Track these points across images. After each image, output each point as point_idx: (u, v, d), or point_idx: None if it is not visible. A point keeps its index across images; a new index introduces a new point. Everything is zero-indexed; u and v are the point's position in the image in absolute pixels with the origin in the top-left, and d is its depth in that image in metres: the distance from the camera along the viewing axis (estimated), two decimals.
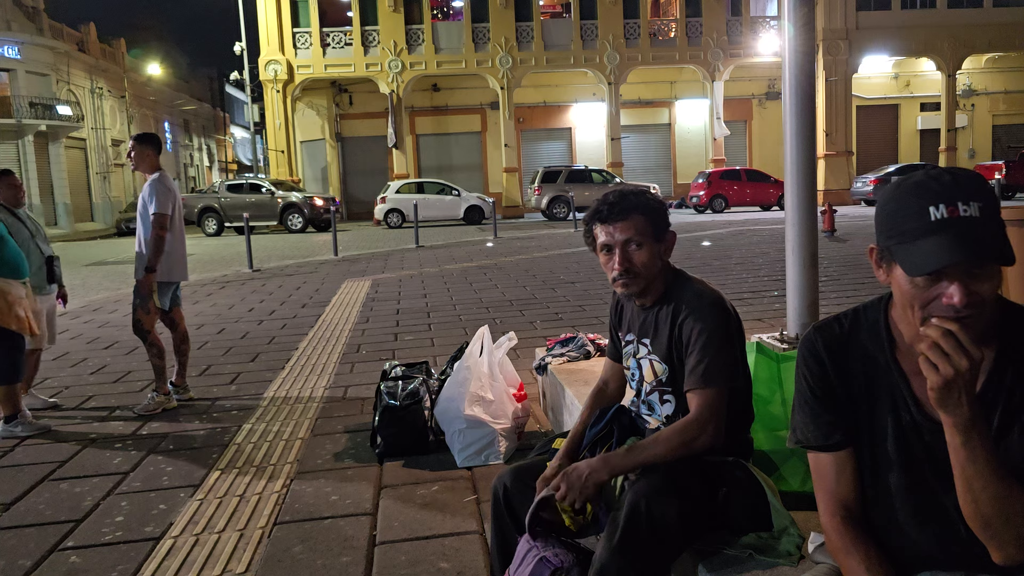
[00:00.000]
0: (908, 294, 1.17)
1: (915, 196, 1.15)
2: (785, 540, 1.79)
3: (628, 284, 1.97)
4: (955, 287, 1.12)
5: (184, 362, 4.86)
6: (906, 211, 1.16)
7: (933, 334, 1.09)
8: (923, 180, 1.16)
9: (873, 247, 1.25)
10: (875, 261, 1.25)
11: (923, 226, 1.13)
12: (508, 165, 30.28)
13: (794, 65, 2.81)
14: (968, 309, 1.12)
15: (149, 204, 4.55)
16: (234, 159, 58.40)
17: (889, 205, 1.19)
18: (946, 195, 1.12)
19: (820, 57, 28.55)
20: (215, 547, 2.73)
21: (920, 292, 1.15)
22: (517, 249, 14.44)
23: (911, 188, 1.16)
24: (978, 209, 1.11)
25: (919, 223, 1.13)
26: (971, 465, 1.13)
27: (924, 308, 1.15)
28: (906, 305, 1.19)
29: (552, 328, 6.26)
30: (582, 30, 30.18)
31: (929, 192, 1.14)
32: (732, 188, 25.64)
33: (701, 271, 9.65)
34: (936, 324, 1.11)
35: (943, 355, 1.08)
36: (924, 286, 1.14)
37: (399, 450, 3.55)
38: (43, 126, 29.81)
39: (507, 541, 2.00)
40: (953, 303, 1.12)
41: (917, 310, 1.16)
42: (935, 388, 1.09)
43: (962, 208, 1.11)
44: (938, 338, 1.09)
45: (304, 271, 12.00)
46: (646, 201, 1.96)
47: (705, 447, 1.82)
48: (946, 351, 1.08)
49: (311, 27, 29.21)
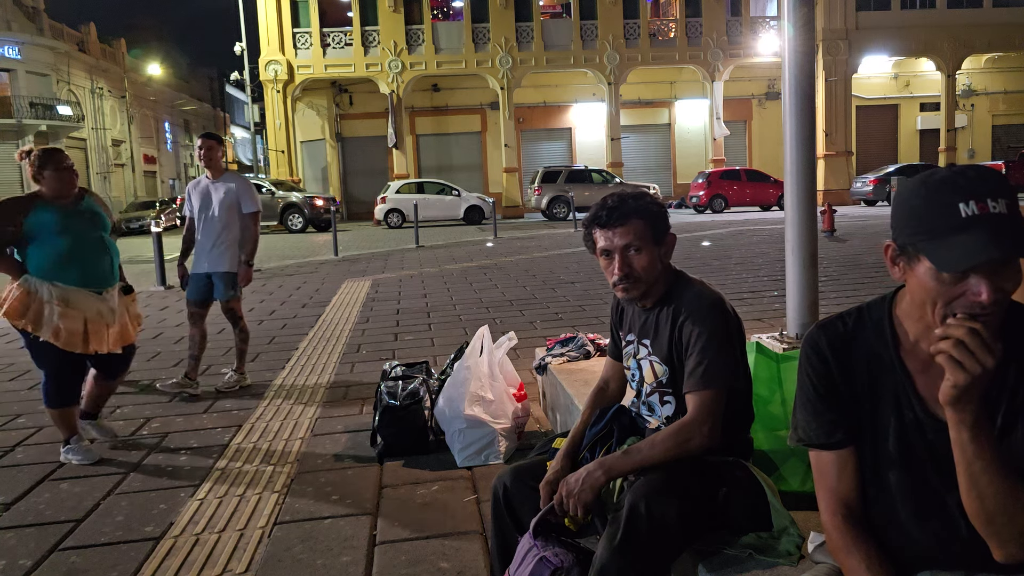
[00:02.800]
0: (932, 291, 1.16)
1: (943, 193, 1.14)
2: (785, 540, 1.79)
3: (628, 288, 1.97)
4: (983, 284, 1.11)
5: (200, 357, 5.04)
6: (935, 208, 1.14)
7: (959, 332, 1.09)
8: (950, 176, 1.15)
9: (890, 244, 1.24)
10: (890, 258, 1.24)
11: (954, 223, 1.11)
12: (508, 165, 30.28)
13: (794, 65, 2.81)
14: (993, 307, 1.12)
15: (244, 202, 4.93)
16: (234, 159, 58.36)
17: (913, 202, 1.18)
18: (975, 192, 1.12)
19: (820, 57, 28.55)
20: (215, 547, 2.73)
21: (945, 289, 1.14)
22: (517, 249, 14.44)
23: (938, 185, 1.15)
24: (1005, 206, 1.11)
25: (950, 220, 1.12)
26: (978, 461, 1.13)
27: (947, 305, 1.15)
28: (926, 302, 1.18)
29: (552, 328, 6.26)
30: (582, 30, 30.18)
31: (958, 189, 1.13)
32: (732, 188, 25.65)
33: (701, 271, 9.66)
34: (959, 322, 1.10)
35: (969, 353, 1.08)
36: (950, 283, 1.14)
37: (399, 450, 3.55)
38: (43, 126, 29.84)
39: (507, 541, 2.00)
40: (981, 300, 1.11)
41: (939, 307, 1.16)
42: (958, 386, 1.09)
43: (991, 205, 1.11)
44: (964, 336, 1.08)
45: (304, 271, 12.00)
46: (645, 205, 1.95)
47: (701, 448, 1.82)
48: (971, 349, 1.08)
49: (311, 27, 29.22)
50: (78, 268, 3.67)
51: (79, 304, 3.64)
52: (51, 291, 3.59)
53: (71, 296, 3.63)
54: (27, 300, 3.58)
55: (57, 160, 3.73)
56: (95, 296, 3.72)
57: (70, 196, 3.75)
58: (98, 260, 3.78)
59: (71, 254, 3.65)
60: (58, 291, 3.60)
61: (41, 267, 3.62)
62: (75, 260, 3.66)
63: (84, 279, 3.69)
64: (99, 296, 3.74)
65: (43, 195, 3.71)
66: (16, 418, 4.48)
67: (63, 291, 3.62)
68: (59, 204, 3.69)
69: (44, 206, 3.67)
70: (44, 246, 3.62)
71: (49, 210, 3.66)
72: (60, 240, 3.63)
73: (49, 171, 3.69)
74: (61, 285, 3.62)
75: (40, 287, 3.59)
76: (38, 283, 3.60)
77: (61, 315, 3.57)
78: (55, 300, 3.58)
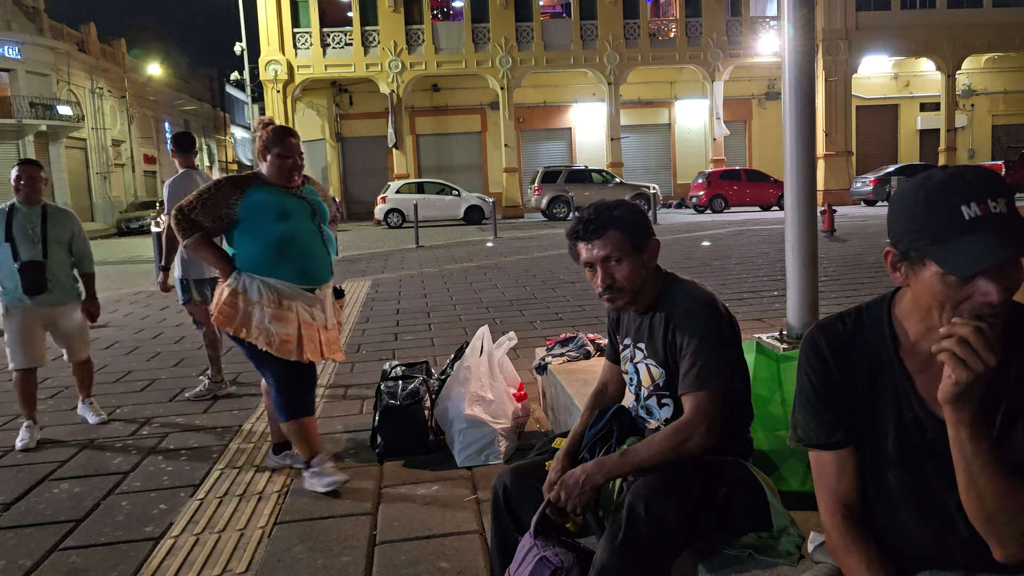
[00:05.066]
0: (939, 295, 1.16)
1: (943, 196, 1.13)
2: (785, 540, 1.80)
3: (613, 298, 1.98)
4: (992, 285, 1.11)
5: None
6: (936, 212, 1.14)
7: (964, 331, 1.09)
8: (948, 179, 1.14)
9: (890, 250, 1.22)
10: (891, 264, 1.23)
11: (958, 226, 1.11)
12: (508, 165, 30.27)
13: (794, 65, 2.81)
14: (1002, 307, 1.12)
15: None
16: (234, 159, 58.37)
17: (912, 206, 1.17)
18: (975, 193, 1.11)
19: (820, 57, 28.54)
20: (215, 547, 2.73)
21: (953, 292, 1.14)
22: (517, 249, 14.43)
23: (937, 188, 1.15)
24: (1005, 205, 1.11)
25: (953, 223, 1.11)
26: (977, 460, 1.13)
27: (955, 308, 1.14)
28: (933, 306, 1.18)
29: (552, 328, 6.26)
30: (582, 30, 30.18)
31: (957, 191, 1.12)
32: (732, 188, 25.65)
33: (701, 271, 9.66)
34: (965, 321, 1.10)
35: (972, 351, 1.08)
36: (958, 285, 1.13)
37: (399, 450, 3.55)
38: (43, 126, 29.84)
39: (507, 541, 2.01)
40: (991, 300, 1.11)
41: (948, 310, 1.15)
42: (959, 383, 1.09)
43: (992, 205, 1.11)
44: (969, 335, 1.08)
45: None
46: (621, 216, 1.95)
47: (699, 449, 1.82)
48: (976, 347, 1.08)
49: (311, 27, 29.21)
50: (293, 262, 3.14)
51: (292, 305, 3.13)
52: (261, 289, 3.08)
53: (283, 295, 3.11)
54: (234, 301, 3.09)
55: (287, 147, 3.18)
56: (308, 295, 3.19)
57: (293, 186, 3.23)
58: (315, 253, 3.23)
59: (286, 245, 3.12)
60: (268, 289, 3.09)
61: (250, 259, 3.12)
62: (290, 252, 3.13)
63: (299, 274, 3.16)
64: (312, 295, 3.22)
65: (263, 177, 3.20)
66: (16, 418, 4.47)
67: (274, 289, 3.10)
68: (278, 187, 3.18)
69: (261, 188, 3.15)
70: (255, 235, 3.11)
71: (267, 192, 3.13)
72: (275, 228, 3.10)
73: (274, 154, 3.16)
74: (272, 282, 3.10)
75: (250, 285, 3.09)
76: (247, 280, 3.10)
77: (273, 317, 3.06)
78: (265, 300, 3.08)
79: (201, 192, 3.11)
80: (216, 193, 3.10)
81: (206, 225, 3.10)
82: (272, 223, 3.10)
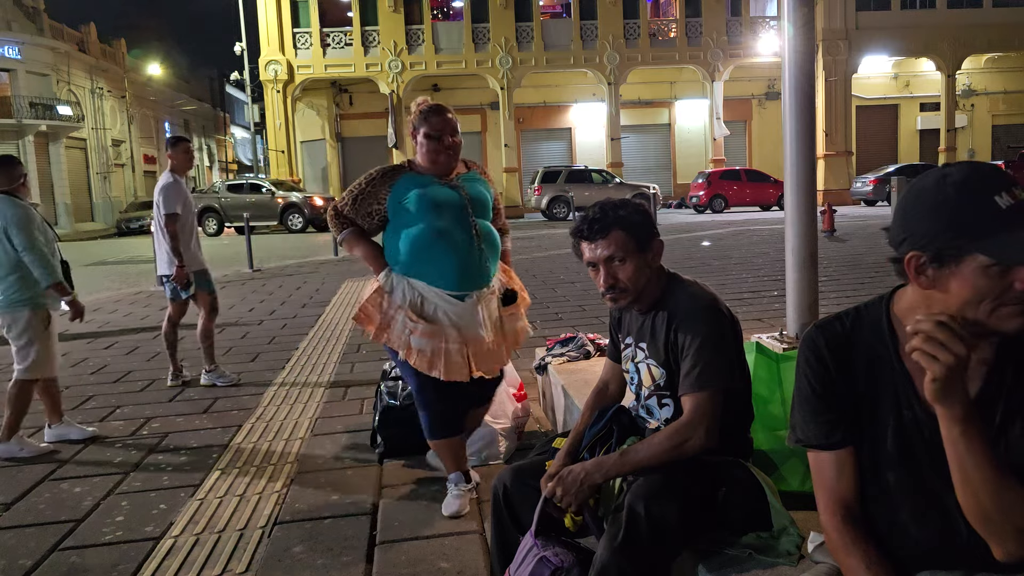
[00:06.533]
0: (982, 288, 1.13)
1: (971, 191, 1.13)
2: (785, 540, 1.80)
3: (616, 298, 1.98)
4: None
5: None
6: (970, 206, 1.12)
7: (926, 327, 1.10)
8: (964, 176, 1.14)
9: (914, 255, 1.17)
10: (915, 269, 1.18)
11: (999, 216, 1.10)
12: (508, 165, 30.27)
13: (794, 65, 2.81)
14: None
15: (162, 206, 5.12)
16: (234, 159, 58.35)
17: (938, 205, 1.14)
18: (1000, 184, 1.12)
19: (820, 57, 28.54)
20: (215, 547, 2.73)
21: (995, 284, 1.13)
22: (517, 249, 14.37)
23: (961, 185, 1.14)
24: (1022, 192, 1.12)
25: (991, 214, 1.11)
26: (970, 457, 1.13)
27: (996, 299, 1.13)
28: (971, 302, 1.15)
29: (552, 328, 6.26)
30: (582, 30, 30.18)
31: (984, 184, 1.12)
32: (732, 188, 25.63)
33: (701, 271, 9.66)
34: (926, 318, 1.11)
35: (940, 345, 1.08)
36: (999, 276, 1.12)
37: (399, 450, 3.55)
38: (43, 126, 29.82)
39: (507, 541, 2.01)
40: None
41: (987, 303, 1.14)
42: (937, 379, 1.09)
43: (1017, 192, 1.12)
44: (931, 330, 1.09)
45: (304, 271, 11.99)
46: (626, 215, 1.95)
47: (698, 449, 1.82)
48: (941, 341, 1.08)
49: (311, 27, 29.21)
50: (435, 264, 2.76)
51: (436, 313, 2.78)
52: (405, 293, 2.77)
53: (427, 301, 2.77)
54: (378, 300, 2.80)
55: (431, 126, 2.79)
56: (456, 302, 2.79)
57: (450, 176, 2.88)
58: (463, 253, 2.78)
59: (429, 243, 2.74)
60: (412, 294, 2.76)
61: (393, 260, 2.81)
62: (432, 253, 2.75)
63: (442, 278, 2.76)
64: (462, 303, 2.80)
65: (414, 165, 2.89)
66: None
67: (418, 294, 2.77)
68: (428, 176, 2.83)
69: (413, 177, 2.83)
70: (398, 232, 2.79)
71: (412, 181, 2.81)
72: (417, 223, 2.75)
73: (421, 136, 2.81)
74: (418, 284, 2.77)
75: (396, 284, 2.79)
76: (395, 279, 2.79)
77: (413, 329, 2.74)
78: (407, 306, 2.76)
79: (352, 187, 2.90)
80: (366, 187, 2.84)
81: (359, 223, 2.86)
82: (413, 217, 2.75)
